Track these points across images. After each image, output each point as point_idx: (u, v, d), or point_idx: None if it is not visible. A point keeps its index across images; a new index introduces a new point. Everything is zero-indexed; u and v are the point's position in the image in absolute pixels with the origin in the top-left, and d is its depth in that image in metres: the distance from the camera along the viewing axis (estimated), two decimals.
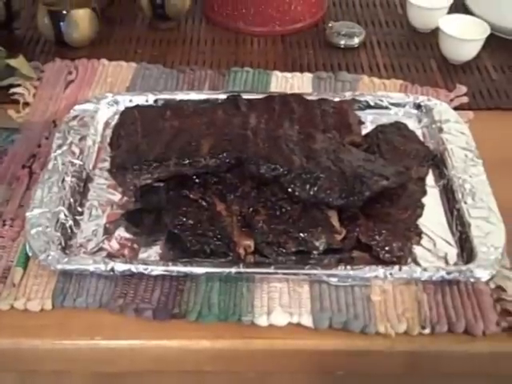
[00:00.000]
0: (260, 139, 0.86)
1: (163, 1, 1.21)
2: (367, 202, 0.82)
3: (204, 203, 0.83)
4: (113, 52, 1.19)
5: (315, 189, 0.80)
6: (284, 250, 0.79)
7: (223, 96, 1.01)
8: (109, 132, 0.97)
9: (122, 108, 1.01)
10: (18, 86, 1.08)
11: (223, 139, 0.85)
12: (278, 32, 1.25)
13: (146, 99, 1.03)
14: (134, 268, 0.77)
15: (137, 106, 0.98)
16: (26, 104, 1.05)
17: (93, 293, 0.77)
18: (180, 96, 1.02)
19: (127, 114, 0.95)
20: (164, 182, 0.86)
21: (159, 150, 0.85)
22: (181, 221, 0.81)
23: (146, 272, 0.78)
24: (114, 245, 0.82)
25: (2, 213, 0.87)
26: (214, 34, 1.25)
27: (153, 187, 0.86)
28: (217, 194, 0.84)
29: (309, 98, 1.00)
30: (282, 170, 0.81)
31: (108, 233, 0.84)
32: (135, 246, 0.82)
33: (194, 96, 1.03)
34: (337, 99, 1.00)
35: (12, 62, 1.08)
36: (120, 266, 0.78)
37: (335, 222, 0.81)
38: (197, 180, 0.85)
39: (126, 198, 0.88)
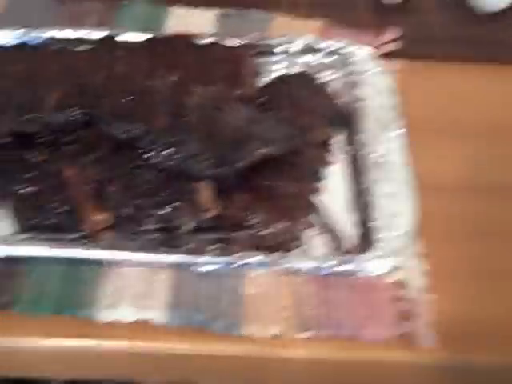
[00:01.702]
0: (121, 91, 0.70)
1: None
2: (250, 171, 0.67)
3: (49, 168, 0.67)
4: None
5: (176, 156, 0.64)
6: (143, 228, 0.65)
7: (103, 34, 0.84)
8: None
9: None
10: None
11: (75, 90, 0.69)
12: None
13: (11, 34, 0.85)
14: None
15: None
16: None
17: None
18: (49, 33, 0.85)
19: None
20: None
21: None
22: (16, 189, 0.65)
23: None
24: None
25: None
26: None
27: None
28: (67, 157, 0.68)
29: (202, 42, 0.83)
30: (138, 130, 0.66)
31: None
32: None
33: (67, 34, 0.85)
34: (236, 43, 0.84)
35: None
36: None
37: (206, 196, 0.66)
38: (44, 139, 0.69)
39: None
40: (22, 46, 0.81)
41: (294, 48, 0.86)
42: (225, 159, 0.64)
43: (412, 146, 0.74)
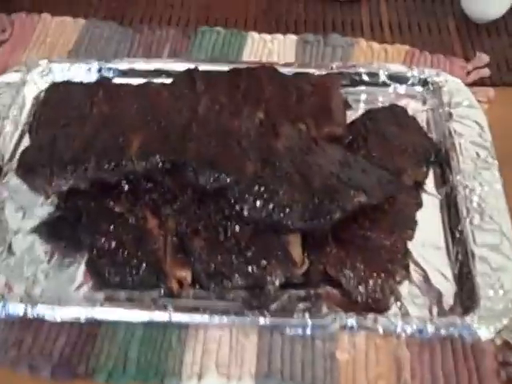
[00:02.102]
0: (206, 134, 0.66)
1: None
2: (341, 221, 0.62)
3: (132, 218, 0.65)
4: (60, 3, 0.98)
5: (270, 207, 0.61)
6: (230, 284, 0.61)
7: (181, 66, 0.81)
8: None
9: (57, 79, 0.82)
10: None
11: (157, 135, 0.66)
12: None
13: (89, 68, 0.83)
14: (31, 311, 0.60)
15: (65, 82, 0.78)
16: None
17: None
18: (128, 65, 0.83)
19: (52, 93, 0.76)
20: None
21: (78, 147, 0.66)
22: (98, 242, 0.63)
23: (47, 318, 0.60)
24: None
25: None
26: None
27: (78, 190, 0.68)
28: (149, 206, 0.65)
29: (286, 69, 0.79)
30: (227, 179, 0.62)
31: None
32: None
33: (142, 65, 0.83)
34: (321, 72, 0.79)
35: None
36: (14, 308, 0.60)
37: (296, 250, 0.62)
38: (126, 186, 0.66)
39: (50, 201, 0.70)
40: (99, 83, 0.79)
41: (381, 77, 0.81)
42: (319, 210, 0.60)
43: (509, 189, 0.68)
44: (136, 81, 0.80)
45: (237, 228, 0.62)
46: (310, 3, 0.98)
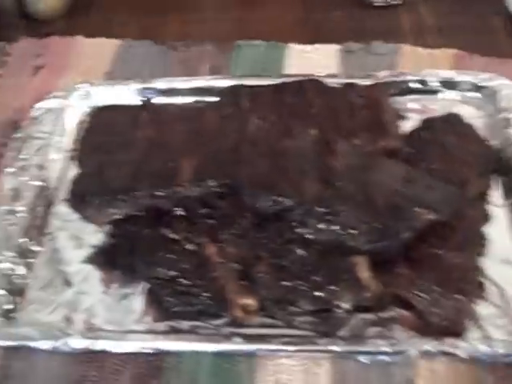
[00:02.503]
0: (260, 155, 0.64)
1: None
2: (409, 241, 0.59)
3: (189, 245, 0.62)
4: (94, 24, 0.96)
5: (332, 229, 0.58)
6: (297, 310, 0.59)
7: (223, 82, 0.78)
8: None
9: (97, 103, 0.80)
10: None
11: (208, 157, 0.64)
12: None
13: (128, 89, 0.81)
14: (92, 345, 0.58)
15: (108, 107, 0.76)
16: None
17: (42, 375, 0.58)
18: (168, 84, 0.80)
19: (95, 118, 0.74)
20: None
21: (127, 175, 0.64)
22: (156, 272, 0.61)
23: (111, 351, 0.58)
24: None
25: None
26: None
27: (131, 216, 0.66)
28: (206, 232, 0.63)
29: (331, 81, 0.76)
30: (287, 202, 0.59)
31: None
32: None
33: (182, 84, 0.80)
34: (367, 83, 0.76)
35: None
36: (76, 343, 0.58)
37: (365, 272, 0.59)
38: (180, 212, 0.64)
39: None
40: (142, 105, 0.76)
41: (431, 84, 0.78)
42: (386, 231, 0.57)
43: None
44: (176, 100, 0.79)
45: (300, 252, 0.59)
46: (347, 10, 0.96)
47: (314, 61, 0.85)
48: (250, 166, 0.63)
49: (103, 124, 0.72)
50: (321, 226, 0.58)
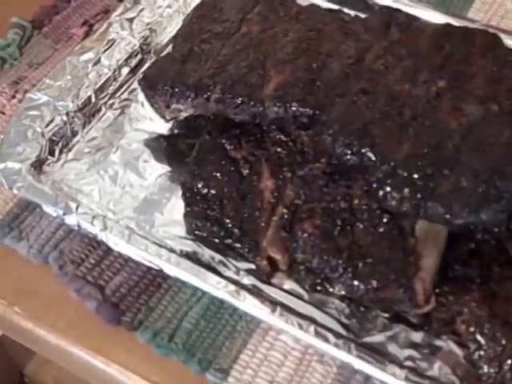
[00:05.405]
0: (362, 93, 0.51)
1: None
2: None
3: (245, 170, 0.52)
4: None
5: (420, 196, 0.44)
6: (328, 289, 0.48)
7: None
8: None
9: None
10: None
11: (304, 76, 0.52)
12: None
13: None
14: (99, 235, 0.51)
15: None
16: None
17: (43, 241, 0.53)
18: None
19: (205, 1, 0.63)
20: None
21: (207, 70, 0.54)
22: (196, 185, 0.52)
23: (113, 247, 0.51)
24: None
25: None
26: None
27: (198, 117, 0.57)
28: (270, 162, 0.52)
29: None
30: (372, 157, 0.47)
31: None
32: None
33: None
34: None
35: None
36: (85, 224, 0.52)
37: (425, 281, 0.46)
38: (250, 130, 0.54)
39: None
40: None
41: None
42: (485, 199, 0.43)
43: None
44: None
45: (360, 226, 0.47)
46: None
47: (503, 11, 0.68)
48: (345, 101, 0.50)
49: (210, 9, 0.61)
50: (402, 193, 0.45)
